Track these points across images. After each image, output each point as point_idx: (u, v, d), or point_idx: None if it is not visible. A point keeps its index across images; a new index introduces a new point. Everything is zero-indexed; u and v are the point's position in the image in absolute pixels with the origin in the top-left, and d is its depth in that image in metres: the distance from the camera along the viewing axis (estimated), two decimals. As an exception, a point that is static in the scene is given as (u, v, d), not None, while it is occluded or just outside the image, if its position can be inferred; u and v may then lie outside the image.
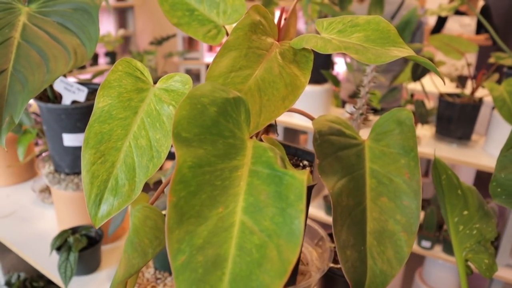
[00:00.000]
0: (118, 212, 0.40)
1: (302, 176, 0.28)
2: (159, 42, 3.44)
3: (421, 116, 1.57)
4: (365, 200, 0.53)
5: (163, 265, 0.88)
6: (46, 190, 1.21)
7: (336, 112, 2.01)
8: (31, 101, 1.10)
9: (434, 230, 1.70)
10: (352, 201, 0.52)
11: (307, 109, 0.59)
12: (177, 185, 0.30)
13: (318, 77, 1.87)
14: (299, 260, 0.61)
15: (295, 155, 0.67)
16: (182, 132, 0.33)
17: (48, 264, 0.92)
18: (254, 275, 0.26)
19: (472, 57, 3.07)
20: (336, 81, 1.80)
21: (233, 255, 0.28)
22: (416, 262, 2.11)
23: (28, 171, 1.29)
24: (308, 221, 0.72)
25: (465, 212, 0.64)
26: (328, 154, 0.53)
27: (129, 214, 0.60)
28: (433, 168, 0.64)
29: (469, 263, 0.67)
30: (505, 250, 1.64)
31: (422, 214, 1.74)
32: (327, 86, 1.89)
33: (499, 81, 1.68)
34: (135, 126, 0.43)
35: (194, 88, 0.35)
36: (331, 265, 0.70)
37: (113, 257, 0.96)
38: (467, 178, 2.72)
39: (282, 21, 0.59)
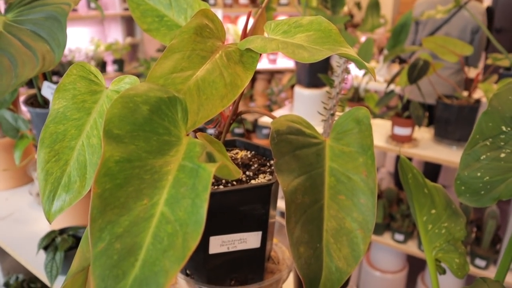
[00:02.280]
0: (69, 207, 0.42)
1: (210, 168, 0.30)
2: (166, 49, 3.48)
3: (417, 119, 1.56)
4: (323, 198, 0.54)
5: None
6: (43, 193, 1.24)
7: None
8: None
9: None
10: (308, 199, 0.53)
11: (306, 113, 0.60)
12: (102, 177, 0.32)
13: (316, 81, 1.88)
14: (265, 257, 0.62)
15: (264, 155, 0.68)
16: (114, 129, 0.34)
17: (40, 264, 0.95)
18: (158, 261, 0.27)
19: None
20: (333, 85, 1.81)
21: (147, 243, 0.29)
22: (419, 266, 2.08)
23: (27, 176, 1.33)
24: (282, 221, 0.73)
25: (433, 211, 0.64)
26: (285, 153, 0.54)
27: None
28: (400, 168, 0.65)
29: (442, 264, 0.67)
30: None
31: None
32: (325, 90, 1.90)
33: (497, 82, 1.66)
34: (88, 126, 0.45)
35: (129, 88, 0.37)
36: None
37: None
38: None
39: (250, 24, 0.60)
